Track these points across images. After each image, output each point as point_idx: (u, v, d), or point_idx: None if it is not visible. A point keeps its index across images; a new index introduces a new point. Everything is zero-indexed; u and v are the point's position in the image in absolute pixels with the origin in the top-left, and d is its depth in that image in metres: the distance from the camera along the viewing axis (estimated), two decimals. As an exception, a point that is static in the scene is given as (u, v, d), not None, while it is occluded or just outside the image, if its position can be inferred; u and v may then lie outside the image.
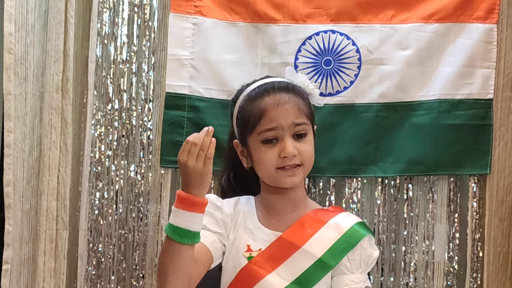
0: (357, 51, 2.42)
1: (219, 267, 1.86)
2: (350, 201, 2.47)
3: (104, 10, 2.45)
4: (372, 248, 1.85)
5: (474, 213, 2.46)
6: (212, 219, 1.84)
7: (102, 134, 2.46)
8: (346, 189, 2.48)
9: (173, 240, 1.63)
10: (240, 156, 1.91)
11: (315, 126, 1.91)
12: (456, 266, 2.48)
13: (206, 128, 1.61)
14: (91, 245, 2.45)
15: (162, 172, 2.45)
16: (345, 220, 1.86)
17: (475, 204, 2.45)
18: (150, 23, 2.47)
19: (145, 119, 2.47)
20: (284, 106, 1.81)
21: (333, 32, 2.42)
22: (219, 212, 1.85)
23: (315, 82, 2.39)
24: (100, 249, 2.46)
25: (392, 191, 2.48)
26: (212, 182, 2.47)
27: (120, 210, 2.46)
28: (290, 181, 1.82)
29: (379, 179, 2.47)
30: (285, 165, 1.79)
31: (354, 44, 2.42)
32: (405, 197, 2.48)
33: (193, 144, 1.60)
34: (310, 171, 1.86)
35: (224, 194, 1.98)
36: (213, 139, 1.61)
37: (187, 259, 1.66)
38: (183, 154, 1.60)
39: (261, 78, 1.93)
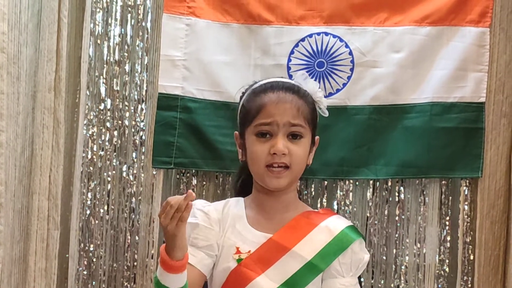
0: (350, 53, 2.42)
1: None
2: (342, 203, 2.48)
3: (98, 10, 2.45)
4: (362, 251, 1.86)
5: (466, 216, 2.46)
6: (199, 232, 1.84)
7: (95, 134, 2.46)
8: (338, 191, 2.48)
9: None
10: (237, 148, 1.94)
11: (317, 137, 1.92)
12: (447, 269, 2.48)
13: (189, 192, 1.61)
14: (82, 245, 2.45)
15: (154, 172, 2.45)
16: (336, 224, 1.87)
17: (466, 207, 2.46)
18: (143, 24, 2.47)
19: (138, 119, 2.47)
20: (284, 104, 1.84)
21: (326, 34, 2.42)
22: (207, 219, 1.85)
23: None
24: (91, 249, 2.46)
25: (383, 193, 2.48)
26: (205, 183, 2.48)
27: (112, 211, 2.46)
28: (276, 182, 1.82)
29: (371, 182, 2.48)
30: (273, 163, 1.80)
31: (347, 46, 2.42)
32: (397, 199, 2.48)
33: (170, 206, 1.60)
34: (298, 176, 1.87)
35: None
36: (190, 203, 1.60)
37: None
38: (161, 213, 1.61)
39: (272, 78, 1.96)
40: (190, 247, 1.78)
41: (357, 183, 2.49)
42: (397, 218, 2.48)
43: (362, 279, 2.40)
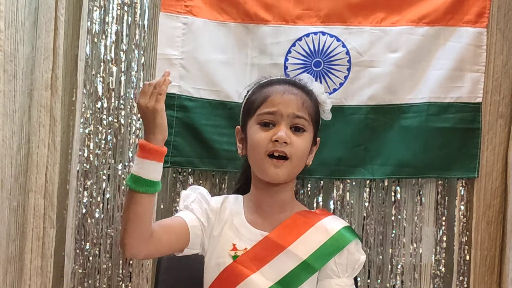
0: (347, 53, 2.42)
1: (202, 266, 1.86)
2: (338, 202, 2.48)
3: (95, 8, 2.45)
4: (359, 252, 1.85)
5: (462, 216, 2.46)
6: (199, 208, 1.84)
7: (91, 132, 2.46)
8: (334, 191, 2.48)
9: (130, 189, 1.64)
10: (237, 144, 1.92)
11: (318, 138, 1.92)
12: (443, 269, 2.48)
13: (165, 72, 1.65)
14: (78, 243, 2.45)
15: (150, 171, 2.44)
16: (333, 224, 1.86)
17: (462, 207, 2.46)
18: (140, 22, 2.47)
19: (134, 118, 2.47)
20: (289, 95, 1.84)
21: (323, 33, 2.42)
22: (206, 204, 1.86)
23: (305, 83, 2.40)
24: (87, 247, 2.45)
25: (380, 193, 2.49)
26: (202, 182, 2.47)
27: (108, 209, 2.45)
28: (274, 172, 1.80)
29: (367, 181, 2.48)
30: (273, 150, 1.79)
31: (344, 46, 2.42)
32: (393, 199, 2.48)
33: (148, 84, 1.62)
34: (296, 171, 1.86)
35: None
36: (167, 78, 1.62)
37: (144, 208, 1.65)
38: (140, 96, 1.62)
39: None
40: (190, 213, 1.82)
41: (353, 182, 2.49)
42: (393, 218, 2.48)
43: (358, 279, 2.41)
